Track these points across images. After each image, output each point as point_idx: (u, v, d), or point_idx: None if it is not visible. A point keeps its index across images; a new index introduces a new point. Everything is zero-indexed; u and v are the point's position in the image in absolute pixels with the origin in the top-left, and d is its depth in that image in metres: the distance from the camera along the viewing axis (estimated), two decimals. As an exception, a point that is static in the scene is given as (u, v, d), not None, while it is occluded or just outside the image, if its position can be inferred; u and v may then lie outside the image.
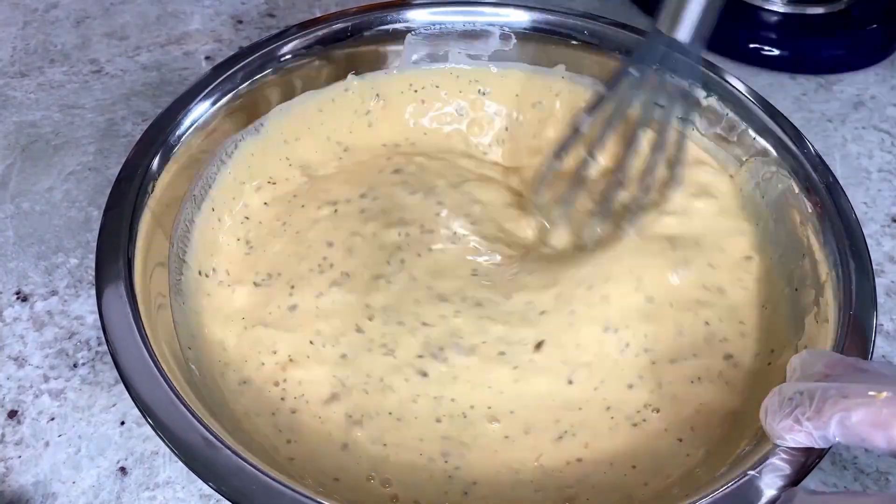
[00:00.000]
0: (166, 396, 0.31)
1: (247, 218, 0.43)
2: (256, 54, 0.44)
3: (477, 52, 0.48)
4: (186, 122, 0.41)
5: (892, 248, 0.48)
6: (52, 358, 0.41)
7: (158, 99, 0.54)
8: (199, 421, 0.30)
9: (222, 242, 0.42)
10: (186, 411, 0.30)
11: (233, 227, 0.43)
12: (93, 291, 0.44)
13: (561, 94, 0.48)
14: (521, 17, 0.47)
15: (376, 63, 0.47)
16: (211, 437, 0.30)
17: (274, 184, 0.45)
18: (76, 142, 0.52)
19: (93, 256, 0.45)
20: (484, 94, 0.49)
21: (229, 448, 0.30)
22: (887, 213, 0.51)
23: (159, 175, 0.39)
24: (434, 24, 0.47)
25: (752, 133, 0.43)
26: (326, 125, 0.47)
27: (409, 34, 0.47)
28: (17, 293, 0.44)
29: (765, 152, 0.42)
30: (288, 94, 0.45)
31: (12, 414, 0.39)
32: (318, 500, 0.28)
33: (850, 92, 0.58)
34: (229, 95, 0.42)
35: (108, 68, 0.57)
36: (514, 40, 0.48)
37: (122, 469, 0.38)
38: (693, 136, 0.45)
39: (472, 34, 0.47)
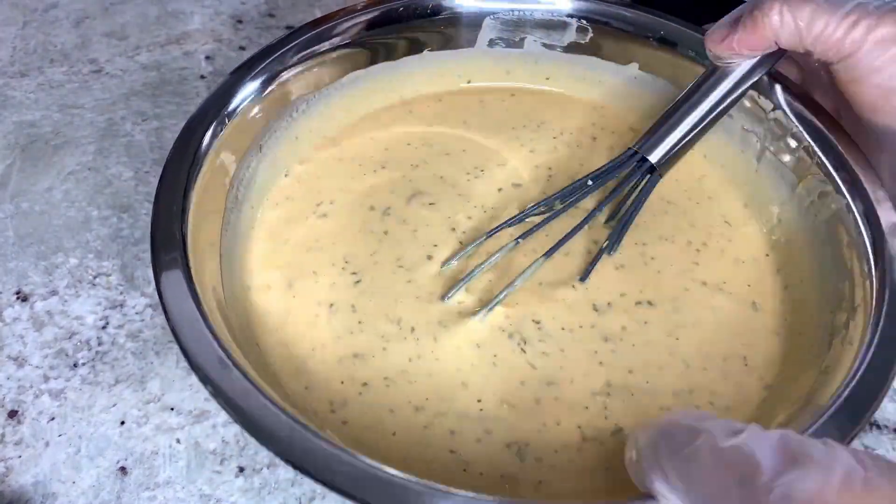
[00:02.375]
0: (194, 316, 0.32)
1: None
2: (330, 23, 0.45)
3: (552, 41, 0.49)
4: (260, 80, 0.42)
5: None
6: (51, 358, 0.41)
7: (158, 99, 0.54)
8: (217, 341, 0.31)
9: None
10: (208, 332, 0.32)
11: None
12: (92, 291, 0.44)
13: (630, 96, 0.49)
14: (599, 11, 0.48)
15: (451, 43, 0.49)
16: (227, 359, 0.31)
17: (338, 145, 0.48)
18: (76, 142, 0.52)
19: (93, 256, 0.46)
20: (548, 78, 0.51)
21: (244, 374, 0.31)
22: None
23: (228, 121, 0.41)
24: (514, 11, 0.48)
25: (815, 149, 0.41)
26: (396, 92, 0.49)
27: (489, 17, 0.48)
28: (17, 293, 0.44)
29: (824, 168, 0.41)
30: (362, 64, 0.47)
31: (12, 414, 0.39)
32: (317, 430, 0.29)
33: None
34: (307, 58, 0.44)
35: (107, 68, 0.57)
36: (590, 33, 0.48)
37: (122, 469, 0.38)
38: (747, 156, 0.45)
39: (549, 24, 0.48)
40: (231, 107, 0.41)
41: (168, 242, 0.35)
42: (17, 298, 0.44)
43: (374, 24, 0.46)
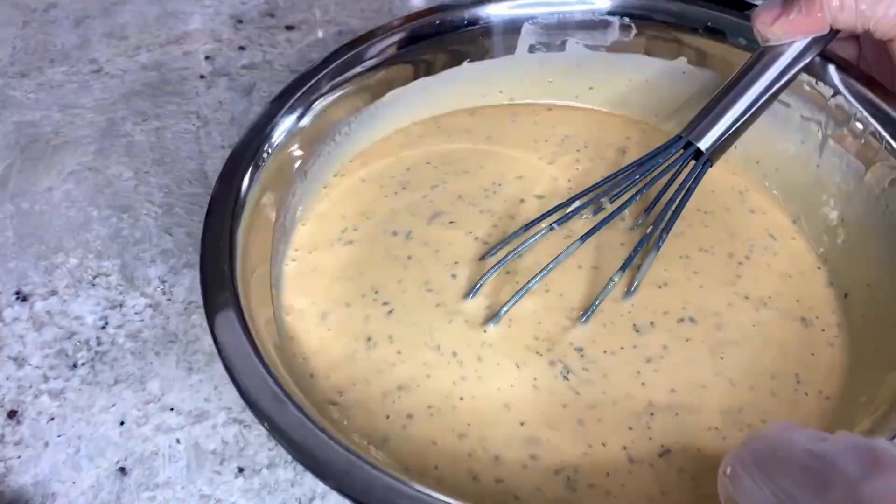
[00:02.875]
0: (246, 352, 0.32)
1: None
2: (366, 44, 0.44)
3: (596, 42, 0.47)
4: (302, 106, 0.42)
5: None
6: (51, 358, 0.41)
7: (158, 99, 0.54)
8: (272, 377, 0.31)
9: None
10: (262, 368, 0.31)
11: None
12: (92, 291, 0.44)
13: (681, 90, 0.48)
14: (641, 5, 0.46)
15: (490, 52, 0.48)
16: (282, 394, 0.30)
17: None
18: (76, 142, 0.52)
19: (93, 256, 0.46)
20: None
21: (297, 406, 0.30)
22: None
23: (273, 148, 0.40)
24: (553, 14, 0.47)
25: (882, 132, 0.39)
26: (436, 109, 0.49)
27: (527, 22, 0.47)
28: (17, 293, 0.44)
29: (894, 152, 0.39)
30: (402, 81, 0.46)
31: (12, 414, 0.39)
32: (364, 457, 0.29)
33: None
34: (345, 82, 0.43)
35: (107, 68, 0.57)
36: (634, 30, 0.47)
37: (122, 469, 0.38)
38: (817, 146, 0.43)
39: (590, 24, 0.47)
40: (271, 141, 0.40)
41: (218, 282, 0.34)
42: (17, 298, 0.44)
43: (411, 40, 0.45)
